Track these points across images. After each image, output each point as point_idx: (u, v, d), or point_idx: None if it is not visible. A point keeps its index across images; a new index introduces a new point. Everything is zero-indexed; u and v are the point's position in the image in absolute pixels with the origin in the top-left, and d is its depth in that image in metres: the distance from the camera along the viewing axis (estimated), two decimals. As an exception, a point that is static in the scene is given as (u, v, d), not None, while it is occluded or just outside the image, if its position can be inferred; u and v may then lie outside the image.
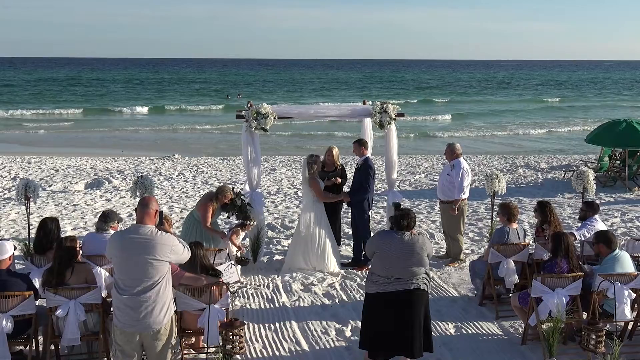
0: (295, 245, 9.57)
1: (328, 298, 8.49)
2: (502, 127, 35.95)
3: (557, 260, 6.80)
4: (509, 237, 8.00)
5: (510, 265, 7.82)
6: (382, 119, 9.59)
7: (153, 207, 5.38)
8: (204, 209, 8.72)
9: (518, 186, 16.89)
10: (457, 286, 8.95)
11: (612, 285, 6.60)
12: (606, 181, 16.74)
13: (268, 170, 19.46)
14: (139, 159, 22.31)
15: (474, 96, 62.68)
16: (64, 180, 17.28)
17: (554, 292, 6.64)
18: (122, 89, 67.94)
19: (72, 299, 6.03)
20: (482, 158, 23.13)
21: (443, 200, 10.03)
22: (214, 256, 7.57)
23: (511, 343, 7.08)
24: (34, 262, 7.24)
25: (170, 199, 15.09)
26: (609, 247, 6.99)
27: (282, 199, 15.15)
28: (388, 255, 5.96)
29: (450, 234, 10.02)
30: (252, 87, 76.52)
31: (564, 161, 21.74)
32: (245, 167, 9.93)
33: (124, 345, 5.29)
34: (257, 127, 9.39)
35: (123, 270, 5.24)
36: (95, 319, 6.23)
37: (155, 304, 5.21)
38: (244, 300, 8.40)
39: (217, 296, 6.28)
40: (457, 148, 9.93)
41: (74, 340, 6.07)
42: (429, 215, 13.34)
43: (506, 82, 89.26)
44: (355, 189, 9.60)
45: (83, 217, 12.98)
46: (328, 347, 6.99)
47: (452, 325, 7.54)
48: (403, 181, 17.55)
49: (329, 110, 10.23)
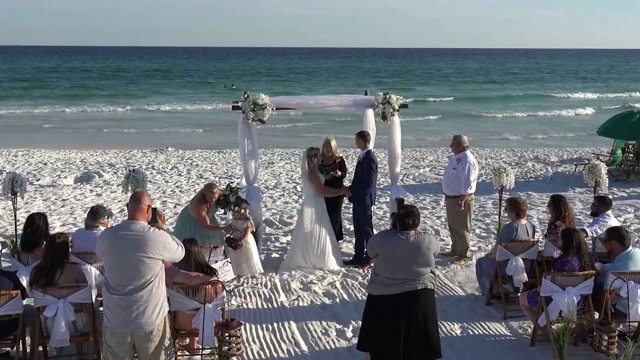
0: (296, 243, 9.56)
1: (328, 297, 8.49)
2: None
3: (568, 257, 6.79)
4: (517, 234, 7.99)
5: (519, 263, 7.80)
6: (385, 110, 9.57)
7: (145, 202, 5.37)
8: (197, 211, 8.80)
9: (527, 180, 16.88)
10: (463, 285, 8.94)
11: (625, 283, 6.59)
12: (619, 175, 16.74)
13: (266, 163, 19.44)
14: (130, 152, 22.30)
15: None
16: (53, 174, 17.27)
17: (565, 291, 6.63)
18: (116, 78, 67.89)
19: (61, 298, 6.01)
20: (489, 151, 23.12)
21: (449, 195, 10.02)
22: (209, 253, 7.57)
23: (520, 344, 7.08)
24: (21, 260, 7.24)
25: (163, 193, 15.08)
26: (622, 244, 6.98)
27: (280, 193, 15.14)
28: (393, 257, 5.93)
29: (456, 230, 10.01)
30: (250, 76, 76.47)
31: (575, 154, 21.73)
32: (242, 161, 9.91)
33: (115, 347, 5.28)
34: (255, 118, 9.37)
35: (114, 268, 5.22)
36: (85, 319, 6.22)
37: (147, 304, 5.19)
38: (241, 299, 8.39)
39: (213, 295, 6.28)
40: (464, 140, 9.90)
41: (62, 341, 6.06)
42: (434, 210, 13.33)
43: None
44: (357, 183, 9.58)
45: (72, 213, 12.97)
46: (328, 348, 6.99)
47: (458, 326, 7.54)
48: (407, 175, 17.54)
49: (329, 101, 10.19)
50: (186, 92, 53.91)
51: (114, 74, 75.84)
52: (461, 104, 45.35)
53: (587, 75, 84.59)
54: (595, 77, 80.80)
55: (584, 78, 78.05)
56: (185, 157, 20.94)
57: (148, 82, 65.29)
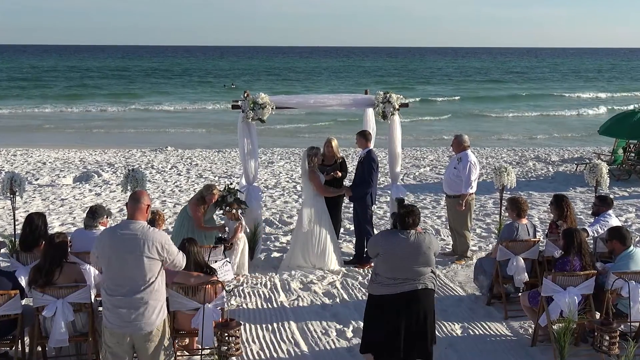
0: (295, 242, 9.57)
1: (328, 297, 8.49)
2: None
3: (569, 257, 6.80)
4: (518, 233, 7.99)
5: (519, 263, 7.81)
6: (385, 109, 9.57)
7: (145, 202, 5.37)
8: (193, 211, 8.81)
9: (528, 180, 16.89)
10: (464, 285, 8.94)
11: (626, 283, 6.60)
12: (620, 174, 16.73)
13: (266, 163, 19.44)
14: (130, 152, 22.29)
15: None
16: (52, 174, 17.27)
17: (566, 291, 6.64)
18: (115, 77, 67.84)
19: (59, 298, 6.02)
20: (490, 150, 23.11)
21: (449, 194, 10.02)
22: (208, 253, 7.57)
23: (520, 344, 7.08)
24: (19, 260, 7.24)
25: (162, 193, 15.09)
26: (623, 243, 6.98)
27: (280, 193, 15.14)
28: (393, 257, 5.94)
29: (457, 230, 10.01)
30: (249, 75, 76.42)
31: (576, 154, 21.72)
32: (242, 160, 9.92)
33: (114, 347, 5.28)
34: (254, 117, 9.37)
35: (113, 269, 5.22)
36: (84, 319, 6.22)
37: (147, 305, 5.19)
38: (240, 299, 8.40)
39: (212, 295, 6.28)
40: (465, 140, 9.90)
41: (61, 341, 6.06)
42: (435, 210, 13.34)
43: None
44: (358, 182, 9.59)
45: (71, 213, 12.97)
46: (328, 348, 6.99)
47: (458, 326, 7.54)
48: (407, 175, 17.54)
49: (329, 100, 10.19)
50: (186, 92, 53.86)
51: (113, 73, 75.77)
52: (466, 103, 45.21)
53: (589, 74, 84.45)
54: (598, 76, 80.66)
55: (585, 77, 77.94)
56: (184, 157, 20.93)
57: (147, 81, 65.23)
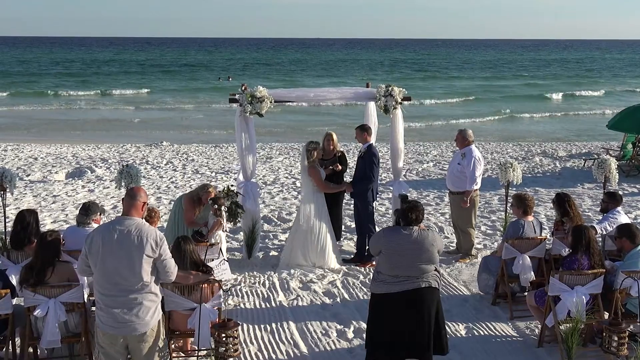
0: (294, 240, 9.56)
1: (329, 297, 8.48)
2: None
3: (577, 256, 6.78)
4: (524, 231, 7.98)
5: (525, 262, 7.80)
6: (387, 103, 9.55)
7: (141, 199, 5.35)
8: (186, 209, 8.74)
9: (534, 176, 16.88)
10: (468, 284, 8.94)
11: (635, 282, 6.59)
12: (629, 170, 16.73)
13: (264, 158, 19.44)
14: (124, 147, 22.29)
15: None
16: (43, 170, 17.27)
17: (573, 290, 6.63)
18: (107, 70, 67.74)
19: (51, 297, 6.00)
20: (495, 145, 23.11)
21: (453, 191, 10.01)
22: (205, 251, 7.56)
23: (526, 345, 7.08)
24: (10, 258, 7.22)
25: (158, 189, 15.08)
26: (633, 241, 6.97)
27: (279, 189, 15.13)
28: (396, 254, 5.93)
29: (461, 227, 10.00)
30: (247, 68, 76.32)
31: (584, 149, 21.72)
32: (239, 155, 9.90)
33: (108, 348, 5.27)
34: (252, 112, 9.34)
35: (106, 267, 5.18)
36: (76, 320, 6.22)
37: (141, 305, 5.17)
38: (238, 299, 8.39)
39: (209, 295, 6.27)
40: (469, 135, 9.88)
41: (54, 342, 6.05)
42: (438, 207, 13.33)
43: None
44: (358, 178, 9.58)
45: (64, 209, 12.97)
46: (328, 349, 6.99)
47: (462, 326, 7.54)
48: (410, 170, 17.54)
49: (329, 94, 10.17)
50: (181, 85, 53.78)
51: (105, 66, 75.72)
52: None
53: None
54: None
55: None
56: (180, 152, 20.93)
57: (141, 73, 65.19)
